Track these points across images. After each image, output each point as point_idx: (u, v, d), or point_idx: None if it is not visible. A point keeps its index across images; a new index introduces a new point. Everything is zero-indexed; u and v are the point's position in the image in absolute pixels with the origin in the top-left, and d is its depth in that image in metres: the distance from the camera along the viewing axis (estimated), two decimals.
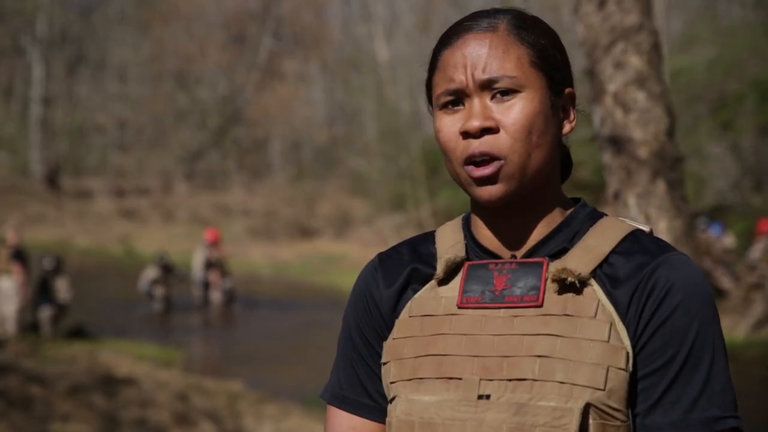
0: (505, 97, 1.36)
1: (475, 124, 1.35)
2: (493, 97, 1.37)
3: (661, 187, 3.74)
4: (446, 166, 1.42)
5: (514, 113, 1.35)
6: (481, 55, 1.37)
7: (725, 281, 13.79)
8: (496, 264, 1.40)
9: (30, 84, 37.05)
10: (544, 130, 1.38)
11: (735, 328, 12.23)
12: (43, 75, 36.65)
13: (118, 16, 39.54)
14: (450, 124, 1.39)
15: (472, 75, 1.37)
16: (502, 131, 1.36)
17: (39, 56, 36.67)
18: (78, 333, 12.71)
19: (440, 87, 1.40)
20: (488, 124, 1.35)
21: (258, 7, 39.78)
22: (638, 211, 3.73)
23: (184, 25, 38.43)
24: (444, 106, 1.40)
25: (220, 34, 37.74)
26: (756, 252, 13.93)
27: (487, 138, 1.36)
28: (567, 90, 1.43)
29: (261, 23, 38.80)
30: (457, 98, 1.39)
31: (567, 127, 1.43)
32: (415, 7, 31.71)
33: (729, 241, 14.37)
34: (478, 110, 1.36)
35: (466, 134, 1.37)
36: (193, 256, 17.74)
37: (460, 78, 1.37)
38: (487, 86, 1.36)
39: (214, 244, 17.13)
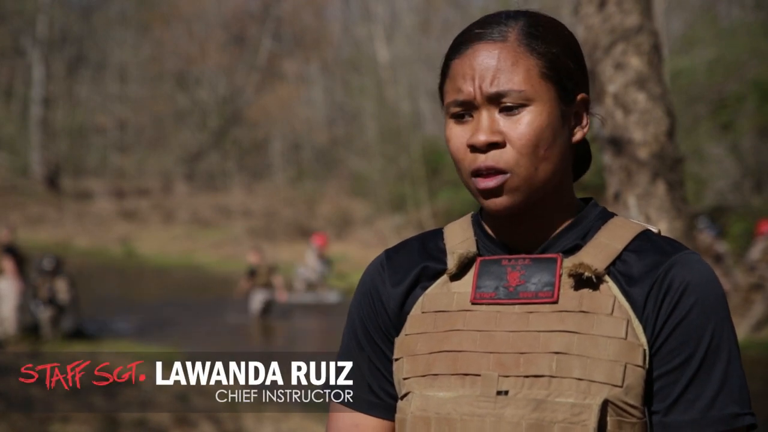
0: (513, 111, 1.35)
1: (481, 138, 1.35)
2: (501, 110, 1.36)
3: (661, 188, 3.74)
4: (458, 173, 1.42)
5: (521, 127, 1.35)
6: (489, 67, 1.36)
7: (724, 282, 13.79)
8: (509, 260, 1.40)
9: (30, 85, 37.05)
10: (552, 142, 1.37)
11: (735, 328, 12.22)
12: (43, 76, 36.65)
13: (118, 17, 39.52)
14: (459, 134, 1.38)
15: (480, 88, 1.36)
16: (508, 145, 1.35)
17: (39, 57, 36.67)
18: (78, 333, 12.72)
19: (450, 96, 1.39)
20: (494, 138, 1.35)
21: (258, 8, 39.78)
22: (638, 211, 3.73)
23: (184, 25, 38.43)
24: (454, 116, 1.39)
25: (220, 35, 37.73)
26: (756, 252, 13.93)
27: (494, 152, 1.35)
28: (580, 96, 1.42)
29: (261, 24, 38.80)
30: (466, 109, 1.38)
31: (579, 134, 1.43)
32: (415, 7, 31.69)
33: (725, 249, 14.39)
34: (485, 124, 1.35)
35: (473, 147, 1.36)
36: (305, 259, 17.98)
37: (468, 90, 1.36)
38: (495, 99, 1.36)
39: (323, 247, 17.22)
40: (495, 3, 20.65)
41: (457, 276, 1.42)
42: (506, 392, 1.33)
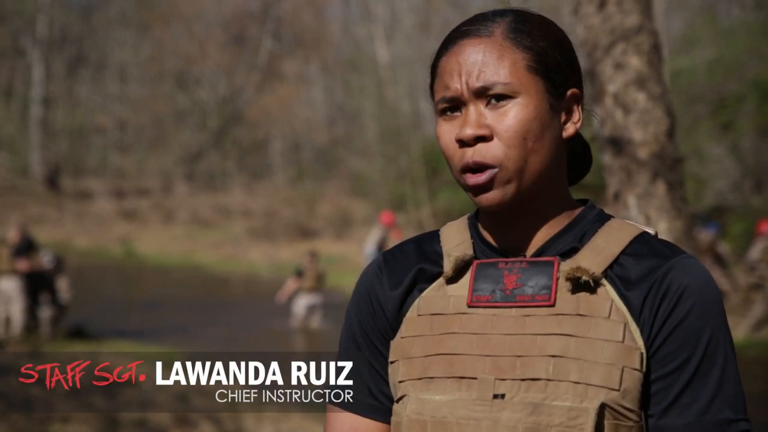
0: (500, 103, 1.35)
1: (468, 132, 1.35)
2: (488, 104, 1.36)
3: (661, 187, 3.74)
4: (450, 171, 1.42)
5: (508, 120, 1.35)
6: (475, 62, 1.36)
7: (723, 282, 13.79)
8: (506, 263, 1.39)
9: (30, 85, 37.06)
10: (540, 134, 1.36)
11: (735, 328, 12.22)
12: (43, 76, 36.65)
13: (118, 17, 39.53)
14: (448, 131, 1.39)
15: (467, 83, 1.36)
16: (495, 138, 1.35)
17: (39, 57, 36.67)
18: (78, 333, 12.72)
19: (438, 94, 1.40)
20: (481, 132, 1.35)
21: (258, 8, 39.79)
22: (638, 211, 3.73)
23: (184, 25, 38.44)
24: (443, 113, 1.40)
25: (220, 35, 37.73)
26: (756, 252, 13.93)
27: (480, 146, 1.35)
28: (570, 91, 1.42)
29: (261, 24, 38.81)
30: (455, 105, 1.38)
31: (571, 129, 1.42)
32: (415, 7, 31.70)
33: (724, 249, 14.41)
34: (472, 118, 1.36)
35: (461, 142, 1.36)
36: (367, 239, 17.62)
37: (455, 86, 1.37)
38: (481, 93, 1.36)
39: (391, 226, 16.69)
40: (494, 3, 20.63)
41: (453, 279, 1.42)
42: (503, 396, 1.32)
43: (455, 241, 1.46)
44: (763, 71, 17.43)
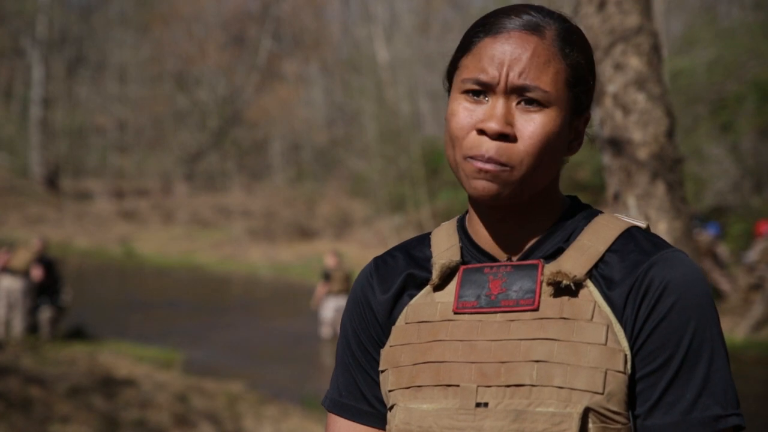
0: (531, 107, 1.33)
1: (495, 127, 1.32)
2: (518, 103, 1.33)
3: (660, 188, 3.74)
4: (447, 151, 1.38)
5: (535, 127, 1.32)
6: (521, 58, 1.33)
7: (723, 282, 13.80)
8: (491, 267, 1.38)
9: (30, 85, 37.07)
10: (556, 149, 1.35)
11: (734, 329, 12.24)
12: (42, 76, 36.65)
13: (118, 18, 39.57)
14: (467, 112, 1.35)
15: (507, 75, 1.33)
16: (518, 141, 1.32)
17: (39, 57, 36.68)
18: (78, 334, 12.72)
19: (469, 72, 1.35)
20: (507, 130, 1.32)
21: (257, 9, 39.81)
22: (638, 212, 3.73)
23: (183, 26, 38.46)
24: (466, 92, 1.36)
25: (220, 36, 37.76)
26: (755, 254, 13.93)
27: (501, 144, 1.32)
28: (587, 113, 1.41)
29: (260, 24, 38.80)
30: (483, 90, 1.35)
31: (576, 149, 1.41)
32: (414, 8, 31.71)
33: (722, 250, 14.42)
34: (500, 113, 1.32)
35: (481, 131, 1.33)
36: None
37: (494, 73, 1.33)
38: (517, 91, 1.33)
39: None
40: (495, 3, 20.65)
41: (440, 286, 1.41)
42: (486, 404, 1.31)
43: (444, 245, 1.44)
44: (763, 71, 17.43)
